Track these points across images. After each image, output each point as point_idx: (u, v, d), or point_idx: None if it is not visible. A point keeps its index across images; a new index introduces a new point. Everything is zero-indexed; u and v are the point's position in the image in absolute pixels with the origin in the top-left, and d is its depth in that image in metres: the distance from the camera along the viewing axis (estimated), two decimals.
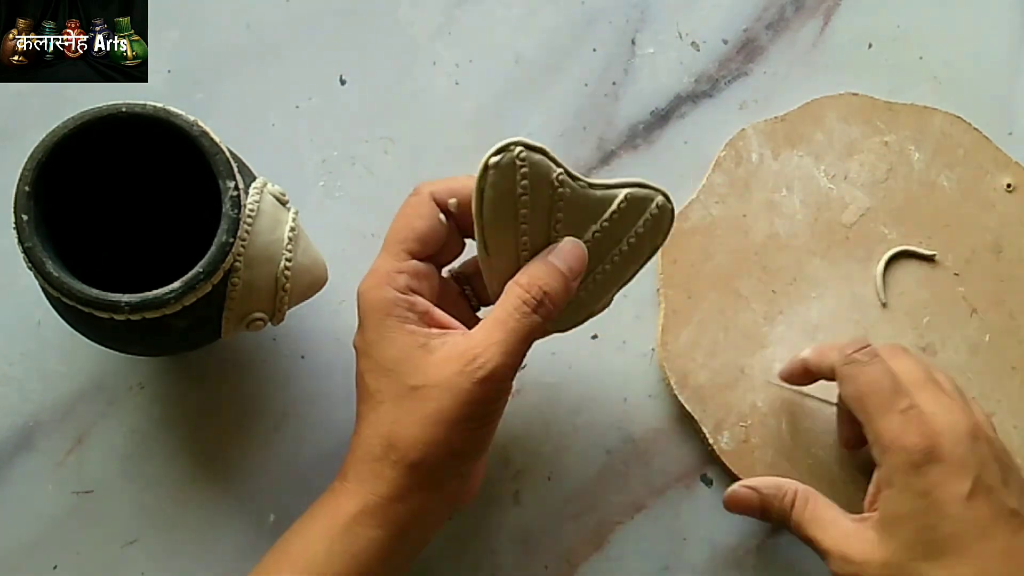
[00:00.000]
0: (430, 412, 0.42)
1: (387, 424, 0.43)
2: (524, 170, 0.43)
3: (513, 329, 0.43)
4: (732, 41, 0.58)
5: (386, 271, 0.44)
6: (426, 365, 0.42)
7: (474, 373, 0.42)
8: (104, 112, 0.42)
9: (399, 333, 0.43)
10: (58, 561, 0.51)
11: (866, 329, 0.55)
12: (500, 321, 0.43)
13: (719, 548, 0.54)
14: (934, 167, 0.57)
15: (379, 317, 0.44)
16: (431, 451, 0.42)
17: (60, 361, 0.52)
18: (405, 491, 0.43)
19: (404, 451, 0.42)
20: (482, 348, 0.42)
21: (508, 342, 0.42)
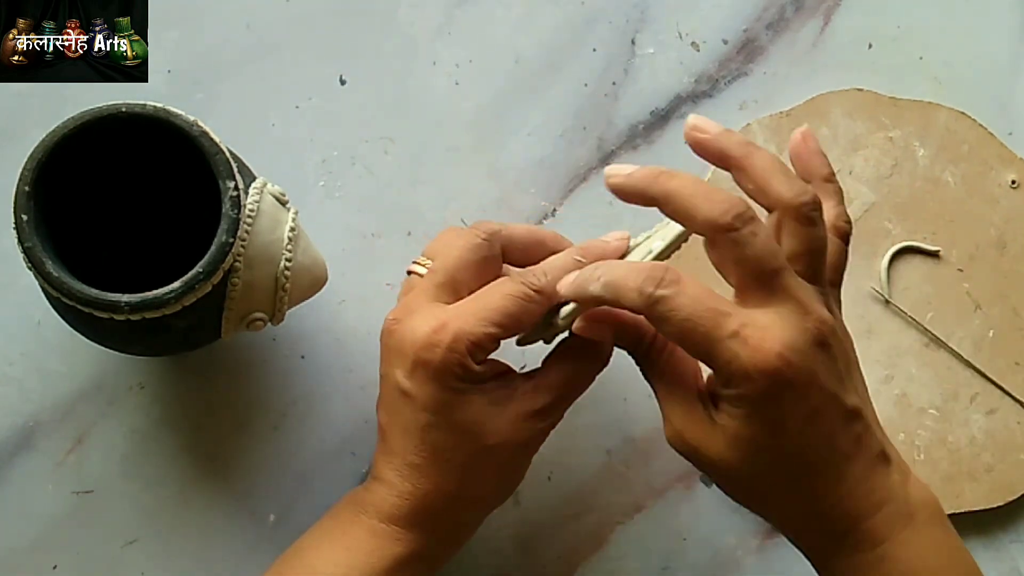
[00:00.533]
0: (504, 466, 0.45)
1: (455, 481, 0.44)
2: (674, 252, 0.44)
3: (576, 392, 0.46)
4: (732, 41, 0.58)
5: (469, 340, 0.42)
6: (502, 424, 0.44)
7: (546, 428, 0.45)
8: (104, 112, 0.42)
9: (475, 395, 0.43)
10: (58, 561, 0.51)
11: (870, 324, 0.55)
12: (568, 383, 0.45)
13: (719, 548, 0.54)
14: (939, 163, 0.57)
15: (457, 382, 0.43)
16: (495, 499, 0.46)
17: (60, 361, 0.52)
18: (462, 537, 0.46)
19: (470, 505, 0.45)
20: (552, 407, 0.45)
21: (570, 402, 0.46)
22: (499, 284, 0.44)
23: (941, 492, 0.54)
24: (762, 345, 0.38)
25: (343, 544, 0.44)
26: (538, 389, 0.45)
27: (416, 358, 0.43)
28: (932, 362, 0.55)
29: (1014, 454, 0.55)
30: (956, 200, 0.57)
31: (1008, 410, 0.55)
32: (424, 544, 0.44)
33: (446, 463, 0.43)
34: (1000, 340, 0.55)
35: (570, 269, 0.44)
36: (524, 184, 0.56)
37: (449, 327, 0.42)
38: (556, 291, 0.43)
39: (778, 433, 0.39)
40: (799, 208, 0.40)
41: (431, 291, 0.44)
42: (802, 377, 0.38)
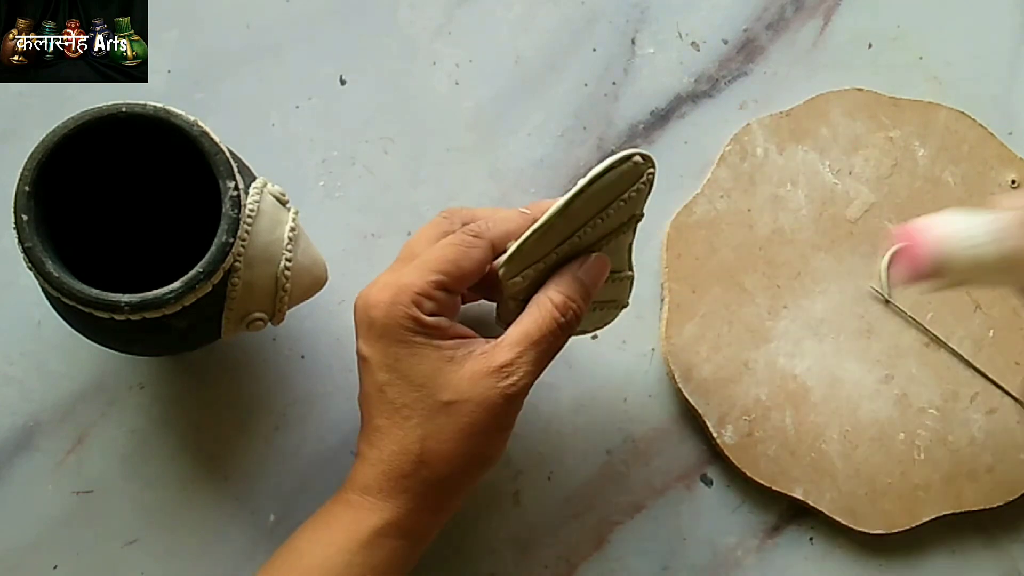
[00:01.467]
0: (463, 426, 0.43)
1: (417, 440, 0.43)
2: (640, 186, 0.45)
3: (544, 349, 0.44)
4: (732, 41, 0.58)
5: (415, 291, 0.43)
6: (458, 380, 0.43)
7: (507, 388, 0.43)
8: (104, 112, 0.42)
9: (428, 349, 0.44)
10: (58, 561, 0.51)
11: (870, 324, 0.55)
12: (532, 339, 0.44)
13: (719, 548, 0.54)
14: (939, 163, 0.57)
15: (405, 334, 0.43)
16: (464, 463, 0.44)
17: (60, 361, 0.52)
18: (435, 503, 0.45)
19: (437, 466, 0.44)
20: (515, 365, 0.44)
21: (539, 360, 0.44)
22: (442, 240, 0.45)
23: (941, 492, 0.54)
24: None
25: (322, 522, 0.45)
26: (497, 347, 0.44)
27: (366, 319, 0.44)
28: (932, 362, 0.55)
29: (1014, 454, 0.55)
30: (956, 200, 0.57)
31: (1008, 410, 0.55)
32: (398, 511, 0.44)
33: (405, 421, 0.44)
34: (1000, 340, 0.55)
35: (513, 219, 0.45)
36: (524, 184, 0.56)
37: (392, 284, 0.44)
38: (497, 236, 0.45)
39: None
40: None
41: (392, 266, 0.46)
42: None
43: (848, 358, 0.55)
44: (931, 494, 0.54)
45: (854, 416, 0.54)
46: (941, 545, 0.55)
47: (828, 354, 0.55)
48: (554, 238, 0.44)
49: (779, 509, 0.54)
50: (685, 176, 0.57)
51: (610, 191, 0.44)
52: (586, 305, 0.45)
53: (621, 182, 0.44)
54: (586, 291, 0.45)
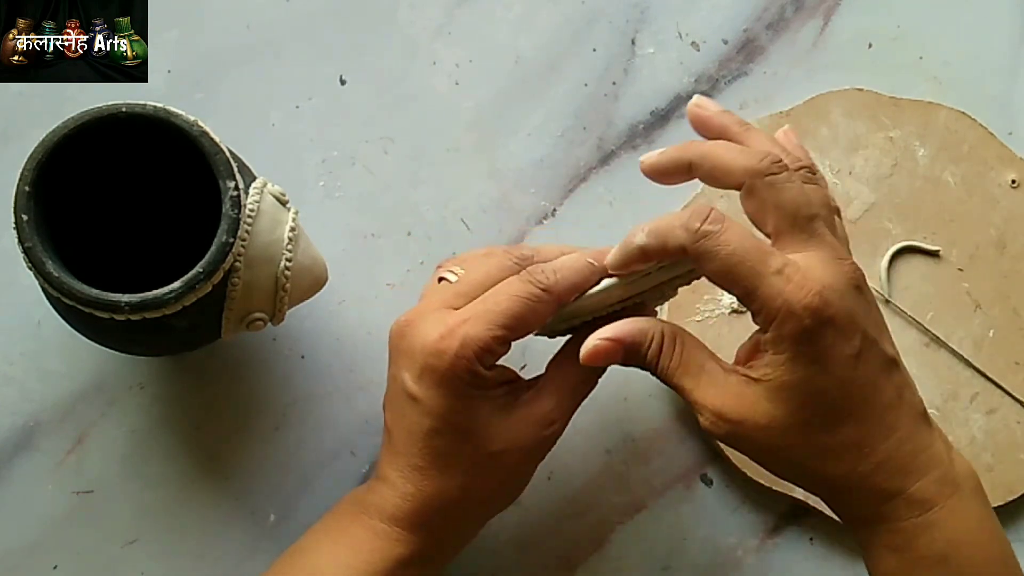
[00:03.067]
0: (506, 472, 0.45)
1: (459, 488, 0.44)
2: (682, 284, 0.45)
3: (582, 396, 0.46)
4: (732, 41, 0.58)
5: (478, 346, 0.42)
6: (505, 430, 0.44)
7: (549, 438, 0.45)
8: (104, 112, 0.42)
9: (481, 401, 0.43)
10: (58, 561, 0.51)
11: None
12: (572, 387, 0.45)
13: (719, 548, 0.54)
14: (939, 163, 0.57)
15: (464, 388, 0.43)
16: (498, 503, 0.46)
17: (60, 361, 0.52)
18: (464, 539, 0.47)
19: (474, 508, 0.45)
20: (557, 414, 0.45)
21: (577, 405, 0.46)
22: (506, 284, 0.43)
23: None
24: (804, 283, 0.39)
25: (344, 543, 0.44)
26: (542, 394, 0.45)
27: (424, 364, 0.42)
28: (932, 362, 0.55)
29: (1014, 454, 0.55)
30: (956, 200, 0.57)
31: (1008, 410, 0.55)
32: (425, 546, 0.44)
33: (449, 468, 0.43)
34: (1000, 340, 0.55)
35: (580, 268, 0.44)
36: (524, 184, 0.56)
37: (457, 333, 0.42)
38: (565, 291, 0.43)
39: (821, 375, 0.39)
40: (797, 171, 0.41)
41: (448, 298, 0.44)
42: (843, 317, 0.39)
43: None
44: None
45: None
46: None
47: None
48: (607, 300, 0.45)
49: (779, 509, 0.54)
50: None
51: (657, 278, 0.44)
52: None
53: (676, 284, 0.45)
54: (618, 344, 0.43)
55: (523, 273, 0.44)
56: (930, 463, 0.40)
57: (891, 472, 0.40)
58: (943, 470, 0.40)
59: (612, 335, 0.42)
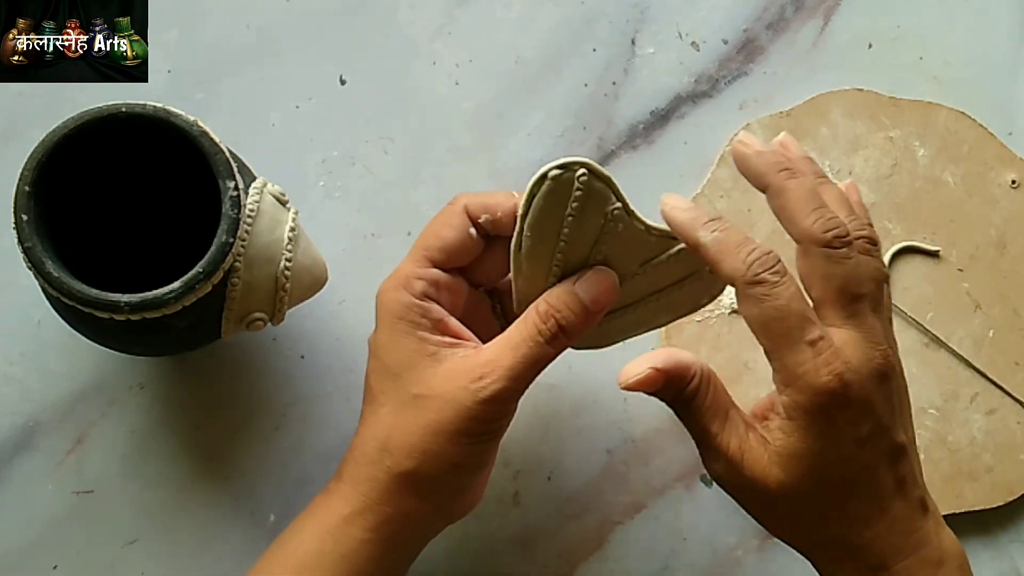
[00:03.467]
0: (429, 422, 0.42)
1: (385, 428, 0.43)
2: (579, 193, 0.42)
3: (524, 356, 0.42)
4: (732, 41, 0.58)
5: (405, 275, 0.44)
6: (431, 375, 0.42)
7: (478, 392, 0.42)
8: (104, 112, 0.42)
9: (409, 339, 0.43)
10: (58, 561, 0.51)
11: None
12: (513, 345, 0.43)
13: (719, 548, 0.54)
14: (939, 163, 0.57)
15: (391, 320, 0.44)
16: (425, 461, 0.42)
17: (60, 361, 0.52)
18: (396, 497, 0.43)
19: (398, 458, 0.42)
20: (490, 368, 0.42)
21: (516, 368, 0.42)
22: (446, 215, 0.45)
23: (941, 492, 0.54)
24: (831, 361, 0.39)
25: (306, 510, 0.45)
26: (480, 350, 0.43)
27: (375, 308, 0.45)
28: (932, 362, 0.55)
29: (1014, 454, 0.55)
30: (956, 200, 0.57)
31: (1008, 410, 0.55)
32: (362, 502, 0.43)
33: (379, 408, 0.43)
34: (1000, 340, 0.55)
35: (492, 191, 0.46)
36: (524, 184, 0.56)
37: (400, 271, 0.44)
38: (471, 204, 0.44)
39: (828, 451, 0.40)
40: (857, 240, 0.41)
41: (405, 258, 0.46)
42: (858, 402, 0.40)
43: None
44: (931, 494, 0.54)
45: None
46: None
47: None
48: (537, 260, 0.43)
49: None
50: (685, 176, 0.57)
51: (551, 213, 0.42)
52: (582, 321, 0.43)
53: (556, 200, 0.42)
54: (580, 306, 0.43)
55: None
56: (918, 544, 0.41)
57: (879, 550, 0.41)
58: (930, 549, 0.41)
59: (658, 364, 0.42)
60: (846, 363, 0.39)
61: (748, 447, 0.41)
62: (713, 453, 0.42)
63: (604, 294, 0.43)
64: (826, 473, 0.40)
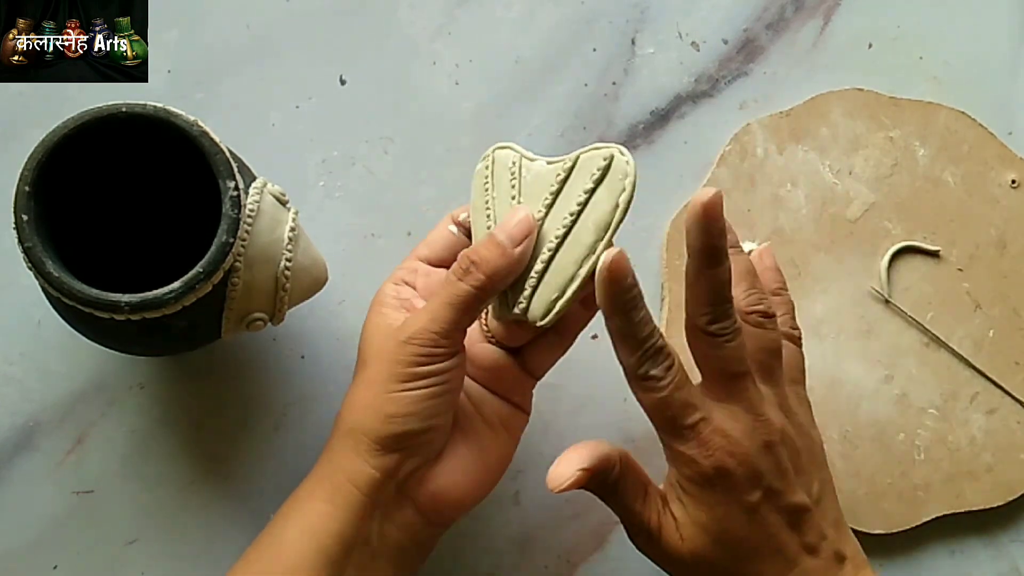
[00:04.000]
0: (366, 377, 0.44)
1: (345, 400, 0.46)
2: (487, 163, 0.47)
3: (441, 296, 0.43)
4: (732, 41, 0.58)
5: (394, 271, 0.49)
6: (370, 334, 0.46)
7: (398, 334, 0.44)
8: (104, 112, 0.42)
9: (377, 317, 0.46)
10: (58, 561, 0.51)
11: (870, 324, 0.55)
12: (433, 292, 0.46)
13: None
14: (939, 163, 0.57)
15: (373, 307, 0.47)
16: (365, 415, 0.44)
17: (60, 361, 0.52)
18: (345, 460, 0.44)
19: (344, 417, 0.45)
20: (413, 315, 0.44)
21: (433, 307, 0.43)
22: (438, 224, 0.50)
23: (941, 492, 0.54)
24: (711, 439, 0.42)
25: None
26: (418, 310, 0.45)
27: None
28: (932, 362, 0.55)
29: (1014, 454, 0.55)
30: (956, 200, 0.57)
31: (1008, 410, 0.55)
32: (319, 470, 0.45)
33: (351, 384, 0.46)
34: (1000, 340, 0.55)
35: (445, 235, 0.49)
36: None
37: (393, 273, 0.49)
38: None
39: (723, 520, 0.43)
40: (750, 314, 0.45)
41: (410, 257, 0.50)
42: (744, 473, 0.42)
43: (848, 358, 0.55)
44: (931, 494, 0.54)
45: (854, 416, 0.54)
46: (941, 545, 0.55)
47: (828, 354, 0.55)
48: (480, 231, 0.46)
49: None
50: (685, 176, 0.57)
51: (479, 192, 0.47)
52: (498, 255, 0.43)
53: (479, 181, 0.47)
54: (493, 242, 0.43)
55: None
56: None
57: None
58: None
59: (585, 464, 0.43)
60: (726, 438, 0.42)
61: (665, 520, 0.44)
62: (636, 529, 0.44)
63: (515, 225, 0.44)
64: (728, 539, 0.43)
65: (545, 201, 0.44)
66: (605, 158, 0.43)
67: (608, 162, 0.43)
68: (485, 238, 0.44)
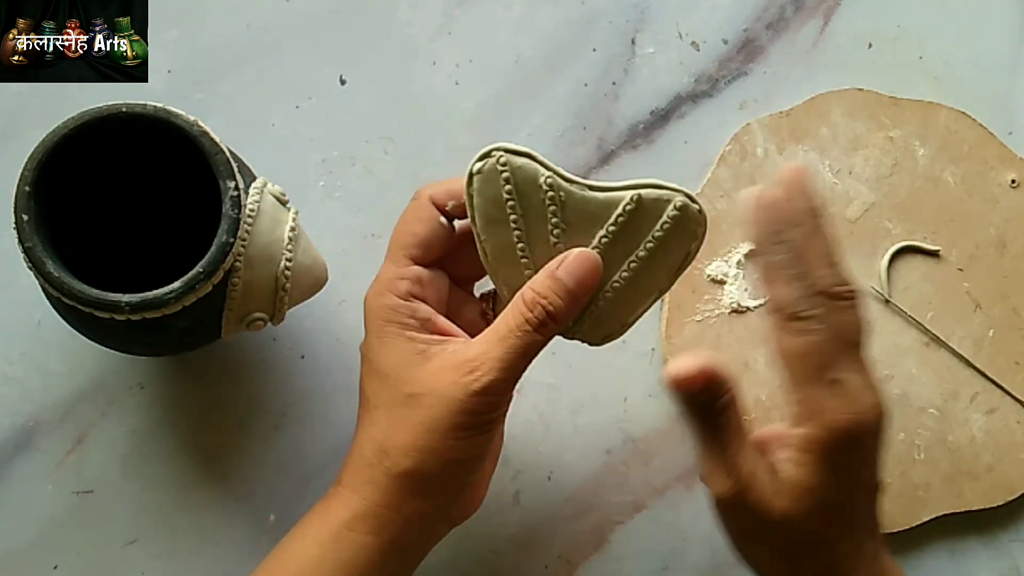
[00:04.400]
0: (423, 419, 0.42)
1: (381, 430, 0.43)
2: (506, 175, 0.42)
3: (513, 346, 0.42)
4: (732, 41, 0.58)
5: (388, 277, 0.44)
6: (423, 373, 0.42)
7: (469, 385, 0.41)
8: (104, 112, 0.42)
9: (398, 340, 0.43)
10: (58, 561, 0.51)
11: (869, 324, 0.55)
12: (501, 336, 0.42)
13: (719, 548, 0.54)
14: (939, 162, 0.57)
15: (380, 323, 0.44)
16: (423, 459, 0.42)
17: (60, 361, 0.52)
18: (397, 498, 0.43)
19: (396, 458, 0.42)
20: (480, 361, 0.42)
21: (507, 358, 0.42)
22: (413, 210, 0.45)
23: (941, 492, 0.54)
24: (852, 402, 0.39)
25: (307, 515, 0.45)
26: (469, 344, 0.43)
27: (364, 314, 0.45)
28: (932, 362, 0.55)
29: (1014, 454, 0.55)
30: (956, 200, 0.57)
31: (1008, 410, 0.55)
32: (362, 504, 0.43)
33: (373, 411, 0.43)
34: (1000, 340, 0.55)
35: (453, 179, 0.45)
36: None
37: (383, 275, 0.45)
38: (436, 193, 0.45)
39: (835, 487, 0.40)
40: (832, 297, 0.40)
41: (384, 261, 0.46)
42: (867, 445, 0.40)
43: None
44: (931, 494, 0.54)
45: None
46: (941, 545, 0.55)
47: None
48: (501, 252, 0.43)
49: None
50: (685, 176, 0.57)
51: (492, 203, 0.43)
52: (569, 305, 0.42)
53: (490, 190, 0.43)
54: (564, 289, 0.42)
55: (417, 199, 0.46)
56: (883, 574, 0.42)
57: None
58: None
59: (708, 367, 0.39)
60: (863, 406, 0.39)
61: (759, 472, 0.40)
62: (723, 471, 0.41)
63: (587, 272, 0.43)
64: (829, 509, 0.40)
65: (602, 237, 0.43)
66: (677, 207, 0.42)
67: (680, 212, 0.42)
68: (552, 282, 0.42)
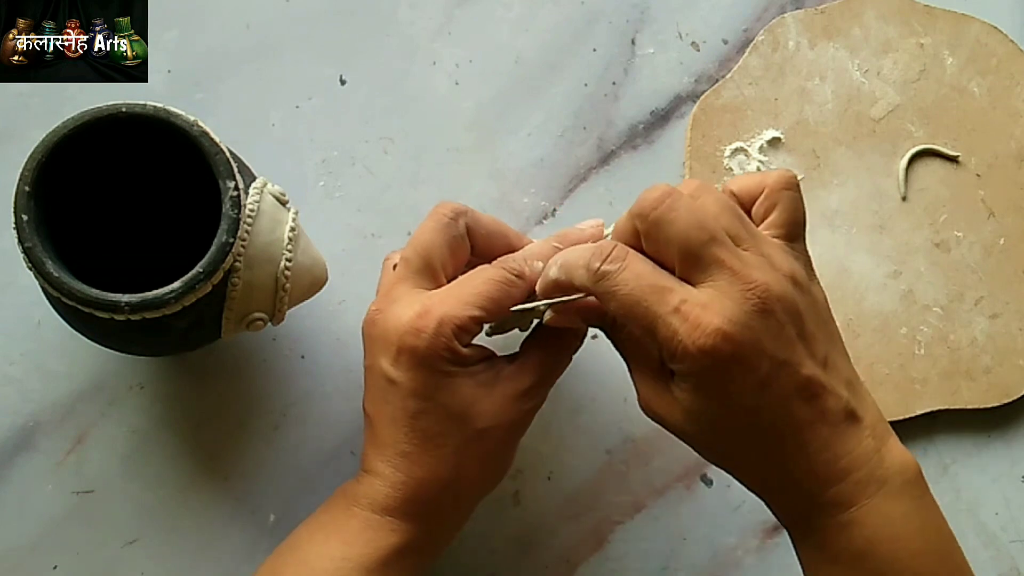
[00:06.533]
0: (490, 450, 0.45)
1: (451, 468, 0.44)
2: None
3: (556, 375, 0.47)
4: (732, 41, 0.58)
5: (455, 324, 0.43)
6: (490, 406, 0.44)
7: (531, 410, 0.46)
8: (104, 112, 0.42)
9: (464, 378, 0.44)
10: (58, 561, 0.51)
11: (883, 220, 0.56)
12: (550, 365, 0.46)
13: (719, 548, 0.54)
14: (966, 73, 0.58)
15: (445, 365, 0.43)
16: (487, 482, 0.46)
17: (60, 361, 0.52)
18: (458, 523, 0.46)
19: (465, 489, 0.45)
20: (537, 388, 0.46)
21: (551, 384, 0.47)
22: (480, 270, 0.45)
23: (938, 388, 0.55)
24: (700, 321, 0.38)
25: (336, 537, 0.44)
26: (523, 370, 0.45)
27: (401, 344, 0.43)
28: (942, 263, 0.56)
29: (1013, 359, 0.56)
30: (980, 110, 0.57)
31: (1011, 317, 0.56)
32: (420, 533, 0.44)
33: (439, 449, 0.44)
34: (1009, 248, 0.56)
35: (548, 255, 0.45)
36: (524, 184, 0.56)
37: (433, 312, 0.43)
38: (535, 276, 0.45)
39: (727, 405, 0.40)
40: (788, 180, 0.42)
41: (409, 278, 0.45)
42: (745, 349, 0.38)
43: (859, 251, 0.56)
44: (927, 388, 0.55)
45: (859, 306, 0.55)
46: None
47: (839, 245, 0.56)
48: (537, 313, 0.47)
49: None
50: (685, 176, 0.57)
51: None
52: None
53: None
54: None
55: (497, 261, 0.45)
56: (851, 466, 0.40)
57: (805, 482, 0.40)
58: (867, 470, 0.40)
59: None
60: (718, 315, 0.38)
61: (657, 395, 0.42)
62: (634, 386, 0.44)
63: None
64: (734, 426, 0.40)
65: None
66: None
67: None
68: None
